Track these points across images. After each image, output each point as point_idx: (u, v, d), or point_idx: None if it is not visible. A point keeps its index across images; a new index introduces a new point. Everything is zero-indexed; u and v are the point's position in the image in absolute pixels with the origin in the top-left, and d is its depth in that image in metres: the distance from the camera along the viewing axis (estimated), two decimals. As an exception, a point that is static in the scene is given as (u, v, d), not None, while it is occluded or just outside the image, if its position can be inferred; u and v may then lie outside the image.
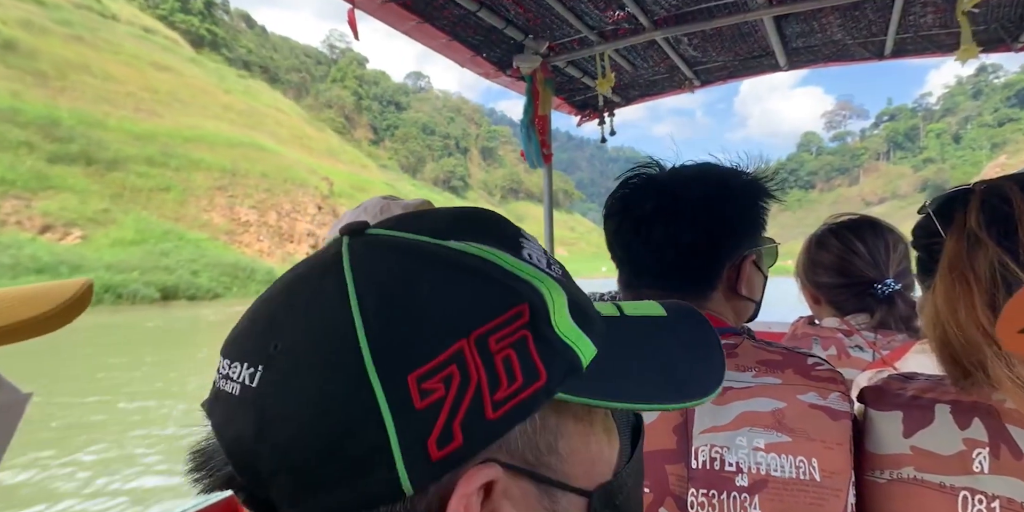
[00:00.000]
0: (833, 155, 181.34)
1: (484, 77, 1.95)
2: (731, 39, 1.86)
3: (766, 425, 0.56)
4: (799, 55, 1.98)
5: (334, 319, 0.23)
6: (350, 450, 0.21)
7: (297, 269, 0.26)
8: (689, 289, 0.68)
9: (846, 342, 0.98)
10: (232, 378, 0.22)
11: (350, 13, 1.34)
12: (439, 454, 0.22)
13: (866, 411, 0.61)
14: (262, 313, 0.24)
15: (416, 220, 0.27)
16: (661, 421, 0.60)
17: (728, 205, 0.66)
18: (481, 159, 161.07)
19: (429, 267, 0.24)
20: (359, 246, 0.25)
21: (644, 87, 2.26)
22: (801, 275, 1.11)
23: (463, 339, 0.23)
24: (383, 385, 0.21)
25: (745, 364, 0.61)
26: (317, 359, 0.22)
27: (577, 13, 1.65)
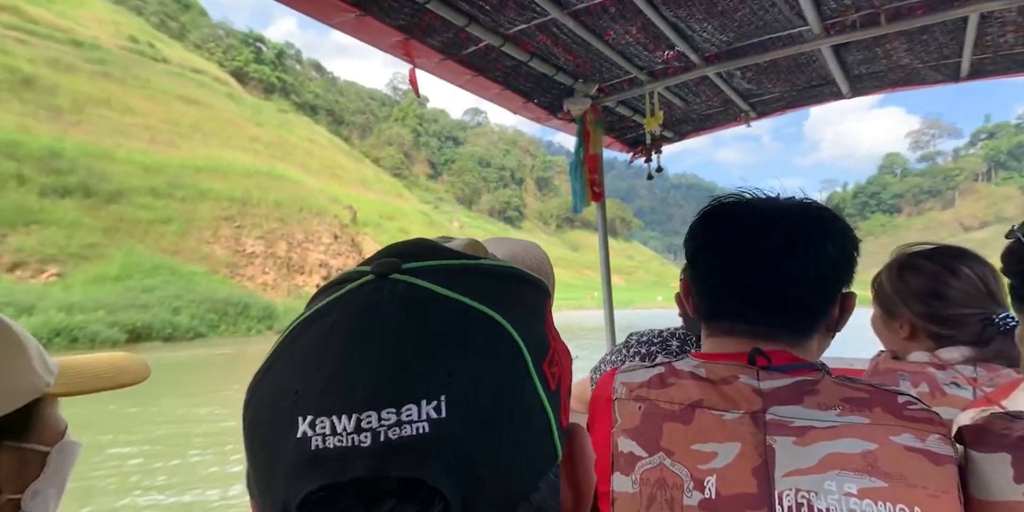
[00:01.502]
0: (921, 177, 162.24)
1: (536, 121, 2.01)
2: (787, 70, 1.83)
3: (857, 468, 0.51)
4: (862, 82, 1.91)
5: (494, 332, 0.24)
6: (530, 436, 0.24)
7: (371, 309, 0.24)
8: (796, 326, 0.63)
9: (940, 378, 0.87)
10: (412, 420, 0.21)
11: (411, 72, 1.46)
12: (565, 422, 0.27)
13: (967, 452, 0.55)
14: (403, 353, 0.23)
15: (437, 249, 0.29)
16: (738, 463, 0.56)
17: (841, 241, 0.63)
18: (536, 189, 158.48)
19: (497, 277, 0.28)
20: (426, 276, 0.25)
21: (697, 121, 2.23)
22: (895, 304, 0.99)
23: (546, 327, 0.28)
24: (537, 375, 0.25)
25: (827, 402, 0.56)
26: (494, 369, 0.23)
27: (626, 56, 1.69)
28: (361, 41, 1.38)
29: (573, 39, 1.55)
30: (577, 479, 0.28)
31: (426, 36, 1.43)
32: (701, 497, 0.56)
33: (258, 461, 0.24)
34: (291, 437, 0.22)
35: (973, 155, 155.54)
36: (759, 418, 0.56)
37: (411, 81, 1.47)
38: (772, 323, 0.63)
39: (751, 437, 0.56)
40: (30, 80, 32.83)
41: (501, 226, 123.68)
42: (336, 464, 0.21)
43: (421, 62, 1.49)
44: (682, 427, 0.60)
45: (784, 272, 0.61)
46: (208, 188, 33.35)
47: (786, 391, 0.57)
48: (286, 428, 0.22)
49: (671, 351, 1.15)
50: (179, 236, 29.44)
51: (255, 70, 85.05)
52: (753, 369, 0.60)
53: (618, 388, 0.67)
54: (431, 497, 0.21)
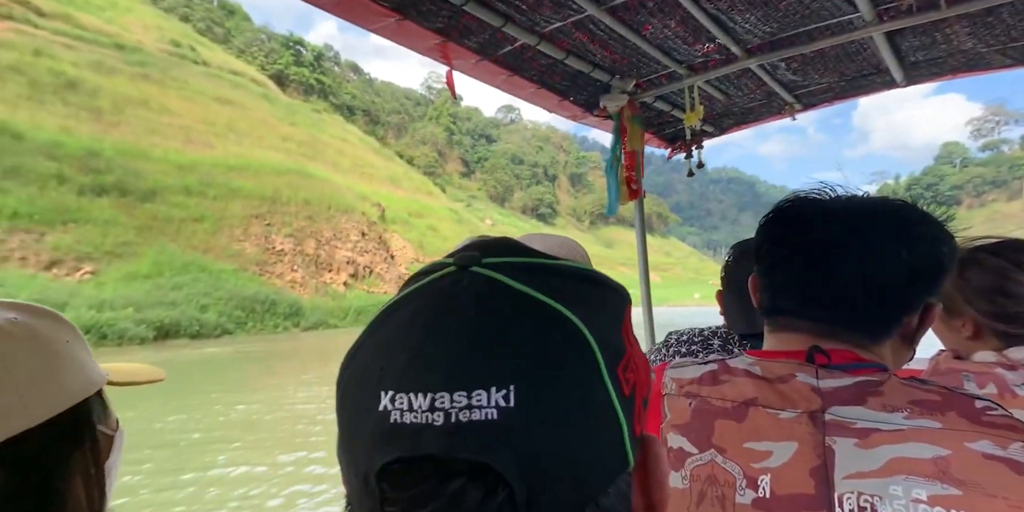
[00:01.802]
0: (984, 166, 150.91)
1: (571, 119, 1.99)
2: (835, 60, 1.75)
3: (927, 474, 0.49)
4: (919, 69, 1.80)
5: (565, 330, 0.25)
6: (599, 438, 0.24)
7: (448, 303, 0.25)
8: (862, 329, 0.61)
9: (1010, 379, 0.82)
10: (482, 405, 0.22)
11: (448, 74, 1.47)
12: (639, 430, 0.27)
13: None
14: (475, 340, 0.24)
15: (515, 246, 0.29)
16: (795, 463, 0.55)
17: (926, 245, 0.59)
18: (569, 185, 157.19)
19: (574, 278, 0.28)
20: (503, 271, 0.26)
21: (739, 115, 2.17)
22: (960, 301, 0.94)
23: (623, 332, 0.28)
24: (610, 379, 0.25)
25: (894, 404, 0.54)
26: (563, 367, 0.24)
27: (665, 50, 1.65)
28: (400, 45, 1.40)
29: (610, 35, 1.53)
30: (650, 489, 0.28)
31: (463, 38, 1.44)
32: (755, 496, 0.56)
33: (345, 429, 0.26)
34: (374, 409, 0.24)
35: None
36: (818, 418, 0.55)
37: (448, 83, 1.49)
38: (833, 322, 0.61)
39: (809, 437, 0.55)
40: (74, 83, 33.38)
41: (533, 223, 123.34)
42: (411, 439, 0.23)
43: (458, 64, 1.51)
44: (735, 425, 0.59)
45: (840, 272, 0.59)
46: (239, 186, 33.48)
47: (848, 391, 0.56)
48: (371, 401, 0.24)
49: (712, 350, 1.13)
50: (210, 234, 29.55)
51: (295, 72, 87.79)
52: (811, 367, 0.58)
53: (667, 384, 0.67)
54: (497, 483, 0.22)
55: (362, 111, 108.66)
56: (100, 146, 29.35)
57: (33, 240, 22.33)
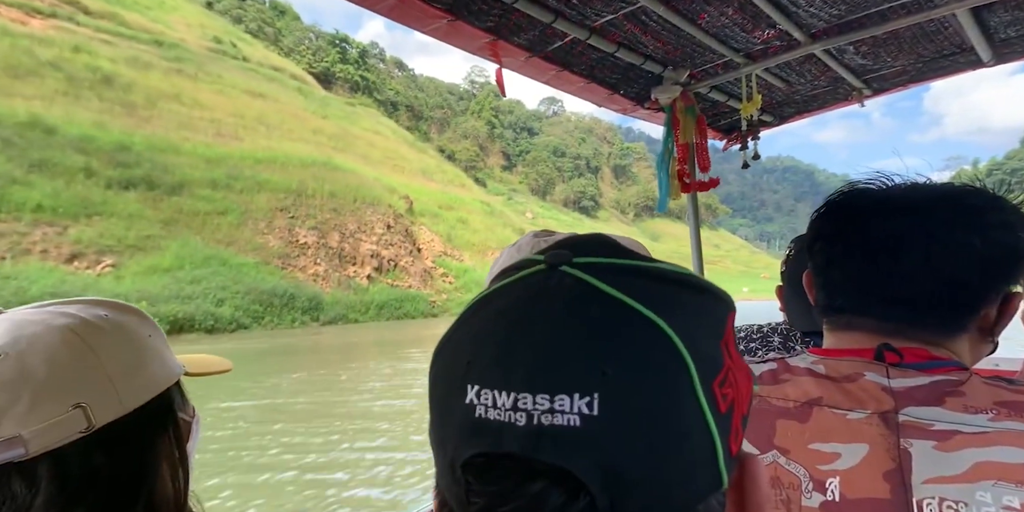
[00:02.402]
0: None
1: (622, 113, 1.96)
2: (911, 41, 1.64)
3: (1019, 480, 0.47)
4: (1010, 46, 1.67)
5: (655, 339, 0.24)
6: (688, 455, 0.23)
7: (537, 300, 0.25)
8: (934, 325, 0.58)
9: None
10: (564, 411, 0.22)
11: (498, 73, 1.47)
12: (736, 449, 0.26)
13: None
14: (560, 343, 0.23)
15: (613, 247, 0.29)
16: (867, 465, 0.52)
17: (999, 232, 0.56)
18: (613, 177, 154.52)
19: (671, 282, 0.27)
20: (594, 272, 0.26)
21: (802, 103, 2.06)
22: None
23: (722, 344, 0.27)
24: (704, 394, 0.24)
25: (977, 405, 0.51)
26: (652, 378, 0.23)
27: (721, 38, 1.59)
28: (451, 45, 1.42)
29: (663, 25, 1.49)
30: (745, 511, 0.28)
31: (512, 35, 1.44)
32: (823, 499, 0.53)
33: (436, 415, 0.26)
34: (461, 401, 0.24)
35: None
36: (890, 419, 0.53)
37: (498, 82, 1.49)
38: (899, 319, 0.58)
39: (881, 439, 0.52)
40: (109, 78, 33.18)
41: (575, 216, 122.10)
42: (494, 435, 0.23)
43: (507, 62, 1.51)
44: (798, 425, 0.57)
45: (903, 266, 0.56)
46: (266, 179, 32.90)
47: (923, 391, 0.53)
48: (459, 392, 0.24)
49: (772, 347, 1.10)
50: (235, 227, 28.91)
51: (340, 70, 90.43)
52: (881, 366, 0.56)
53: None
54: (579, 489, 0.22)
55: (405, 107, 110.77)
56: (130, 140, 29.07)
57: (56, 233, 21.84)
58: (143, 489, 0.52)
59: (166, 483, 0.55)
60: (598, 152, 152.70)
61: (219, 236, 28.05)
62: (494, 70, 1.50)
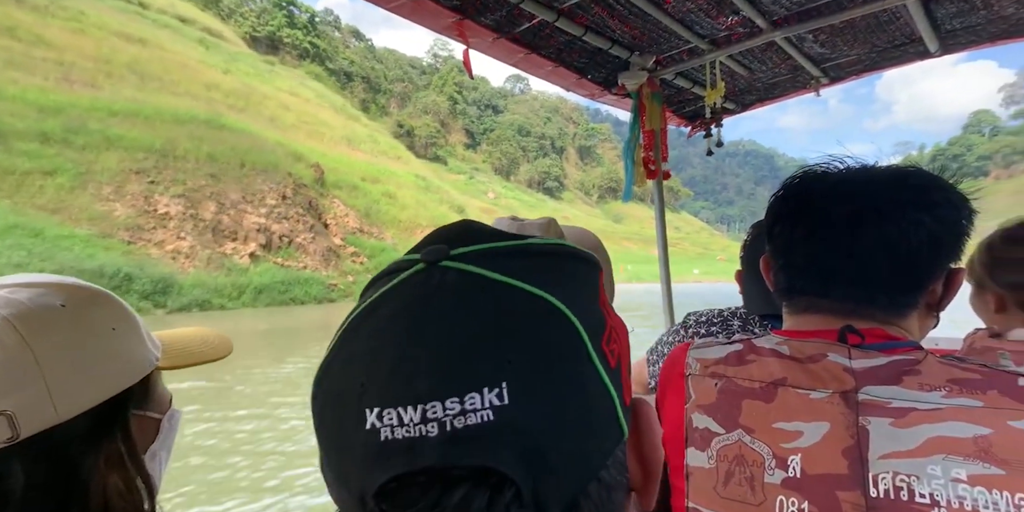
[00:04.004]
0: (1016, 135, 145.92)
1: (589, 98, 1.96)
2: (866, 30, 1.72)
3: (967, 454, 0.49)
4: (956, 37, 1.77)
5: (548, 314, 0.25)
6: (595, 418, 0.24)
7: (425, 298, 0.25)
8: (889, 302, 0.61)
9: None
10: (477, 409, 0.22)
11: (465, 53, 1.45)
12: (628, 399, 0.28)
13: None
14: (460, 342, 0.23)
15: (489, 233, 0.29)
16: (828, 443, 0.55)
17: (946, 210, 0.59)
18: (578, 158, 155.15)
19: (549, 255, 0.28)
20: (475, 261, 0.26)
21: (763, 91, 2.14)
22: (981, 276, 0.97)
23: (600, 303, 0.28)
24: (597, 355, 0.25)
25: (931, 383, 0.53)
26: (553, 353, 0.24)
27: (686, 24, 1.63)
28: (417, 24, 1.39)
29: (629, 10, 1.51)
30: (644, 453, 0.29)
31: (479, 15, 1.42)
32: (784, 475, 0.56)
33: (330, 451, 0.25)
34: (360, 428, 0.23)
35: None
36: (850, 398, 0.55)
37: (465, 63, 1.47)
38: (859, 299, 0.61)
39: (841, 417, 0.55)
40: None
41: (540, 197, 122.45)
42: (406, 454, 0.22)
43: (474, 42, 1.49)
44: (763, 405, 0.59)
45: (864, 246, 0.59)
46: (119, 135, 27.58)
47: (883, 371, 0.56)
48: (355, 419, 0.23)
49: (732, 331, 1.15)
50: (67, 191, 24.01)
51: (288, 35, 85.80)
52: (844, 347, 0.58)
53: (691, 364, 0.67)
54: (501, 483, 0.22)
55: (361, 78, 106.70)
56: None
57: None
58: (76, 501, 0.47)
59: (117, 489, 0.50)
60: (563, 132, 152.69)
61: (41, 201, 23.13)
62: (461, 50, 1.48)
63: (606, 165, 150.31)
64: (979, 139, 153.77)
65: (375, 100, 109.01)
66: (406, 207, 47.91)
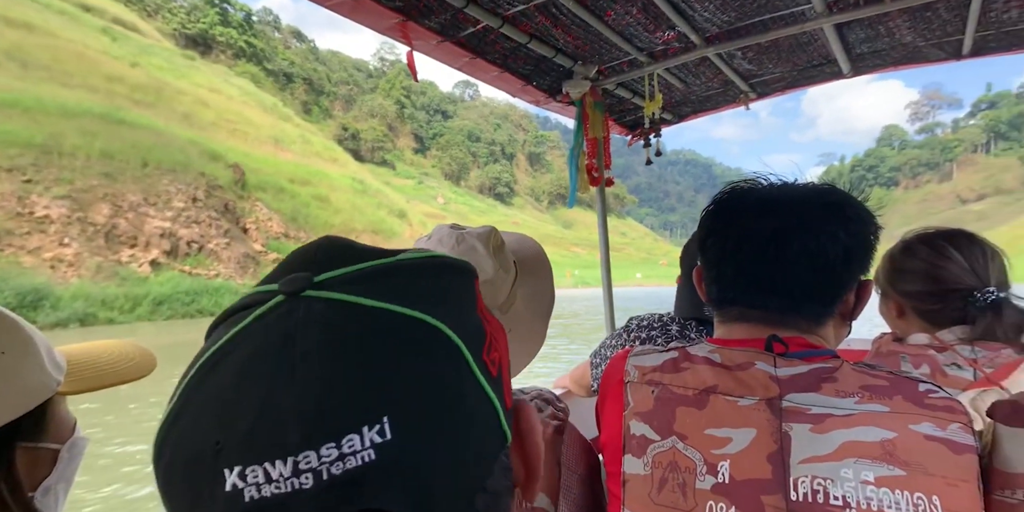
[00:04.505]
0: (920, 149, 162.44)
1: (535, 105, 2.01)
2: (788, 50, 1.84)
3: (874, 457, 0.52)
4: (864, 60, 1.92)
5: (428, 336, 0.24)
6: (479, 431, 0.24)
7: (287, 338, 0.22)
8: (809, 312, 0.64)
9: (940, 360, 0.89)
10: (356, 450, 0.20)
11: (409, 55, 1.46)
12: (509, 402, 0.28)
13: (996, 427, 0.57)
14: (333, 382, 0.21)
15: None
16: (753, 449, 0.57)
17: (857, 226, 0.64)
18: (528, 165, 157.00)
19: (421, 271, 0.27)
20: (342, 287, 0.24)
21: (696, 103, 2.25)
22: (884, 284, 1.04)
23: (479, 312, 0.28)
24: (479, 369, 0.25)
25: (846, 390, 0.57)
26: (435, 378, 0.23)
27: (626, 36, 1.69)
28: (359, 23, 1.37)
29: (572, 20, 1.55)
30: (526, 453, 0.29)
31: (423, 17, 1.42)
32: (715, 481, 0.58)
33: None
34: (218, 492, 0.20)
35: (973, 126, 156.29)
36: (775, 405, 0.58)
37: (409, 65, 1.47)
38: (783, 309, 0.64)
39: (767, 423, 0.57)
40: None
41: (490, 202, 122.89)
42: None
43: (419, 44, 1.49)
44: (696, 412, 0.61)
45: (788, 258, 0.62)
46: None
47: (804, 378, 0.59)
48: (211, 483, 0.21)
49: (671, 335, 1.19)
50: None
51: (221, 33, 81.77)
52: (770, 356, 0.61)
53: (630, 371, 0.69)
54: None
55: (303, 79, 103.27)
56: None
57: None
58: None
59: None
60: (513, 139, 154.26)
61: None
62: (405, 52, 1.48)
63: (555, 172, 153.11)
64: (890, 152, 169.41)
65: (318, 102, 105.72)
66: (340, 211, 45.83)
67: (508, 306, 0.78)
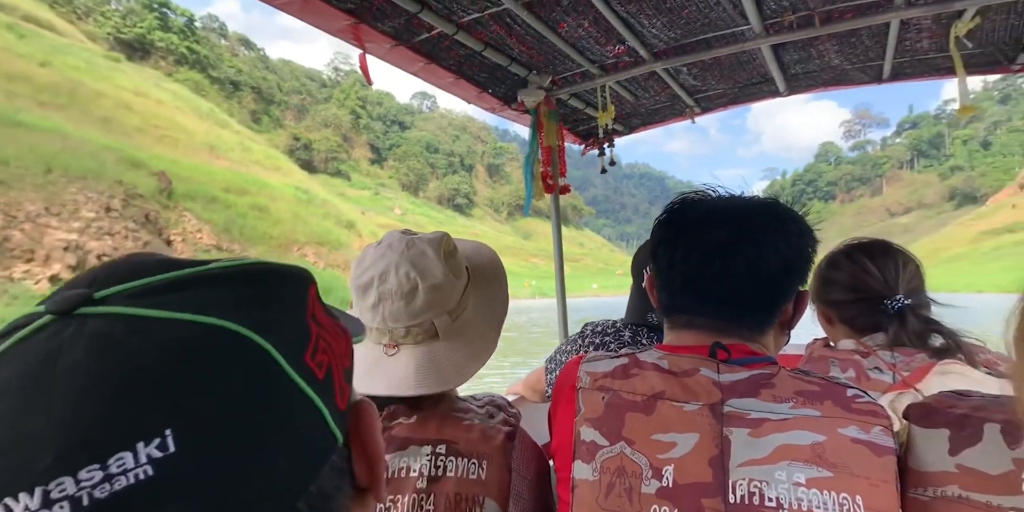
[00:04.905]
0: (853, 164, 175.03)
1: (490, 111, 2.05)
2: (730, 68, 1.93)
3: (806, 459, 0.55)
4: (798, 80, 2.05)
5: (224, 342, 0.22)
6: (294, 436, 0.23)
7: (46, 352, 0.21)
8: (751, 321, 0.68)
9: (864, 364, 0.95)
10: (127, 469, 0.19)
11: (361, 58, 1.45)
12: (343, 404, 0.28)
13: (911, 428, 0.60)
14: (100, 399, 0.20)
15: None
16: (696, 453, 0.59)
17: (796, 239, 0.67)
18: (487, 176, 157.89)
19: (227, 280, 0.25)
20: (126, 301, 0.22)
21: (646, 116, 2.34)
22: (814, 294, 1.11)
23: (308, 316, 0.27)
24: (297, 371, 0.24)
25: (782, 395, 0.59)
26: (232, 383, 0.22)
27: (579, 49, 1.74)
28: (308, 24, 1.34)
29: (527, 30, 1.59)
30: (366, 452, 0.29)
31: (376, 21, 1.42)
32: (659, 485, 0.59)
33: None
34: None
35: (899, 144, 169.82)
36: (717, 410, 0.60)
37: (362, 68, 1.45)
38: (728, 317, 0.67)
39: (709, 428, 0.59)
40: None
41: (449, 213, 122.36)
42: None
43: (372, 48, 1.48)
44: (643, 417, 0.63)
45: (733, 268, 0.65)
46: None
47: (744, 384, 0.61)
48: None
49: (623, 341, 1.22)
50: None
51: (161, 38, 78.16)
52: (714, 362, 0.64)
53: (582, 377, 0.70)
54: None
55: (251, 88, 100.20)
56: None
57: None
58: None
59: None
60: (472, 150, 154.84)
61: None
62: (358, 55, 1.46)
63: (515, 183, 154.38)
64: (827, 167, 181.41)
65: (267, 111, 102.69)
66: (280, 222, 42.97)
67: (459, 312, 0.78)
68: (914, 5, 1.47)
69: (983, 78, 1.91)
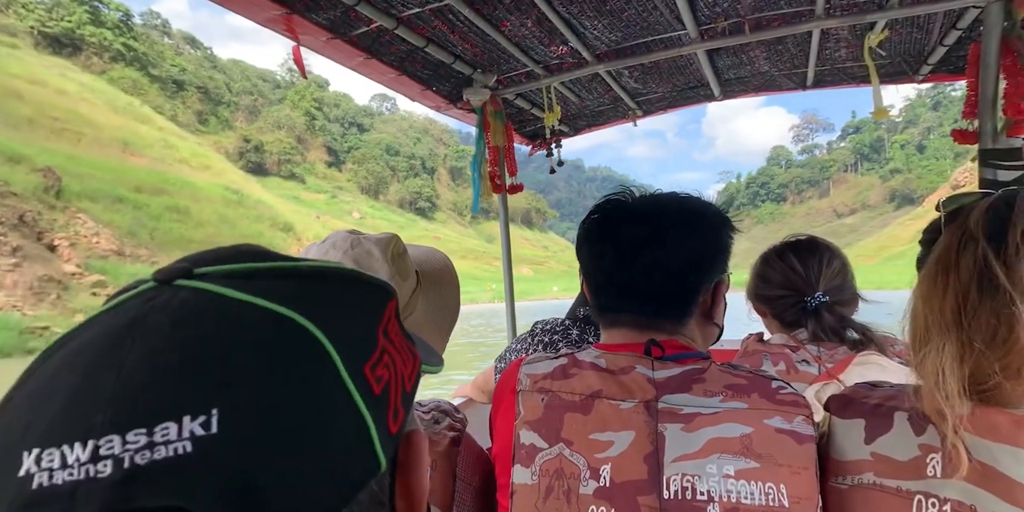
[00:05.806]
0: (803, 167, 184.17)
1: (436, 110, 2.03)
2: (668, 72, 1.99)
3: (735, 451, 0.56)
4: (731, 86, 2.13)
5: (288, 333, 0.23)
6: (334, 445, 0.22)
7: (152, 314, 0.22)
8: (670, 314, 0.69)
9: (793, 357, 1.00)
10: (170, 440, 0.19)
11: (295, 50, 1.42)
12: (396, 428, 0.26)
13: (831, 419, 0.63)
14: (162, 366, 0.20)
15: None
16: (632, 451, 0.59)
17: (707, 232, 0.69)
18: (450, 179, 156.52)
19: (312, 277, 0.26)
20: (218, 280, 0.23)
21: (590, 117, 2.38)
22: (749, 291, 1.16)
23: (379, 329, 0.27)
24: (352, 379, 0.23)
25: (712, 389, 0.61)
26: (284, 374, 0.22)
27: (523, 48, 1.75)
28: (236, 13, 1.31)
29: (470, 28, 1.59)
30: (410, 487, 0.28)
31: (310, 12, 1.38)
32: (596, 485, 0.60)
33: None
34: (11, 479, 0.19)
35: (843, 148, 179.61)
36: (652, 406, 0.61)
37: (296, 60, 1.42)
38: (648, 313, 0.69)
39: (644, 425, 0.60)
40: None
41: (410, 217, 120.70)
42: (63, 502, 0.18)
43: (306, 40, 1.44)
44: (581, 417, 0.63)
45: (646, 263, 0.67)
46: None
47: (677, 380, 0.62)
48: (9, 468, 0.19)
49: (571, 339, 1.25)
50: None
51: (92, 33, 73.62)
52: (648, 359, 0.65)
53: (522, 380, 0.70)
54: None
55: (197, 88, 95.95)
56: None
57: None
58: None
59: None
60: (434, 153, 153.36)
61: None
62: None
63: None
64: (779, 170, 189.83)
65: (215, 112, 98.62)
66: (203, 224, 40.10)
67: (405, 315, 0.78)
68: (832, 16, 1.58)
69: (914, 86, 2.06)
